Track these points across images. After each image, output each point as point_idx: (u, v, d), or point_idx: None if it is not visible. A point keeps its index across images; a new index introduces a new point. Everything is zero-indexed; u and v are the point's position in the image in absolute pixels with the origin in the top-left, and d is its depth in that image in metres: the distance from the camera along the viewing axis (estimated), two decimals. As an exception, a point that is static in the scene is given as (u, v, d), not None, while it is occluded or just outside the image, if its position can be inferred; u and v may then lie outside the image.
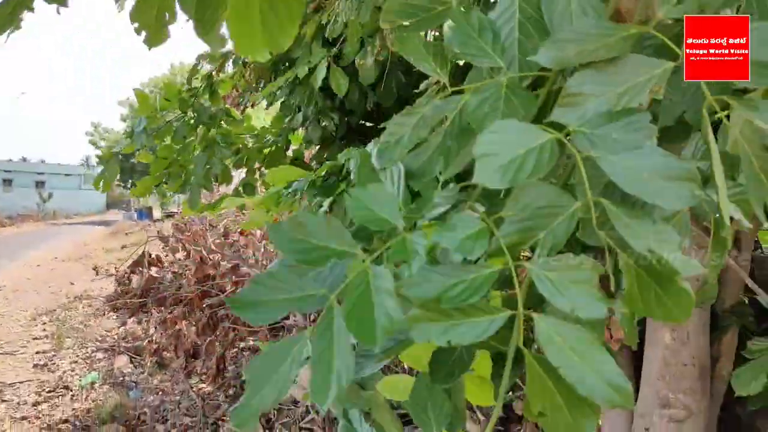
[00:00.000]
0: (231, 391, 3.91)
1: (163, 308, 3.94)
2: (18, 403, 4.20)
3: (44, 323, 6.43)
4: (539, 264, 0.61)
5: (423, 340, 0.60)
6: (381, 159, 0.79)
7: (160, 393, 4.24)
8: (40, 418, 3.96)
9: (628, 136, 0.59)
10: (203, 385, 4.18)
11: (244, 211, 4.89)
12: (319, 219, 0.67)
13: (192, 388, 4.12)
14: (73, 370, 4.86)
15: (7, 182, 34.85)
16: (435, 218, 0.73)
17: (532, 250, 0.64)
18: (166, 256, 4.34)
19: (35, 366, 5.03)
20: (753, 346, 1.48)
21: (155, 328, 4.38)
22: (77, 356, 5.20)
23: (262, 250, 3.79)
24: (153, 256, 4.06)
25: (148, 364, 4.59)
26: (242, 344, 4.32)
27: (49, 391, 4.42)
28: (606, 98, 0.64)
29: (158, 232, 4.44)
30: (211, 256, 3.86)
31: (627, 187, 0.57)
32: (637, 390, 1.85)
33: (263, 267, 3.61)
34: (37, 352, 5.39)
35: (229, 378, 3.91)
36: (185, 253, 4.29)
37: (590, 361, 0.56)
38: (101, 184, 2.05)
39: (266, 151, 2.48)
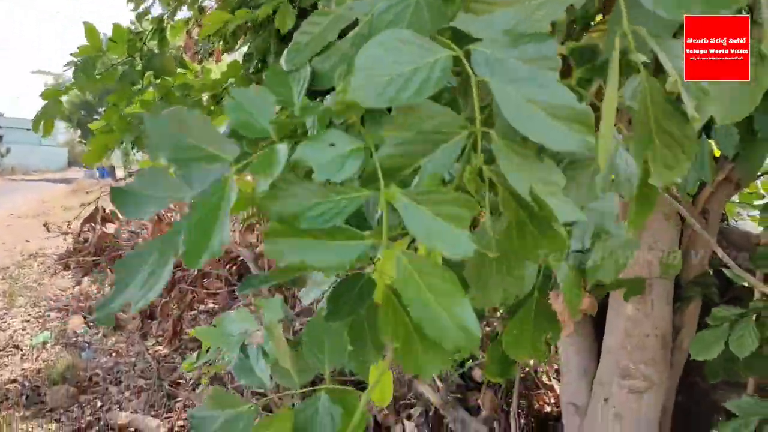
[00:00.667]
0: (187, 354, 3.82)
1: (118, 268, 3.80)
2: (-36, 362, 4.05)
3: (-4, 281, 6.22)
4: (409, 192, 0.55)
5: (275, 256, 0.54)
6: (289, 60, 0.70)
7: (114, 355, 4.14)
8: (-13, 377, 3.82)
9: (528, 66, 0.53)
10: (159, 348, 4.08)
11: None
12: (199, 117, 0.59)
13: (147, 350, 4.02)
14: (24, 329, 4.71)
15: (-37, 136, 33.58)
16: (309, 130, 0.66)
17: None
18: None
19: (-16, 324, 4.86)
20: (718, 313, 1.45)
21: (110, 288, 4.24)
22: (29, 315, 5.04)
23: (222, 210, 3.67)
24: (107, 211, 3.90)
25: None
26: (201, 307, 4.23)
27: (-2, 351, 4.27)
28: (518, 9, 0.57)
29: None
30: (169, 215, 3.73)
31: (515, 121, 0.51)
32: (598, 360, 1.82)
33: (223, 228, 3.49)
34: (-13, 311, 5.20)
35: (186, 341, 3.82)
36: (143, 212, 4.13)
37: (445, 301, 0.52)
38: (41, 126, 1.90)
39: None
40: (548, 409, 2.34)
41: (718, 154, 1.60)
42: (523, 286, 0.78)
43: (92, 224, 3.88)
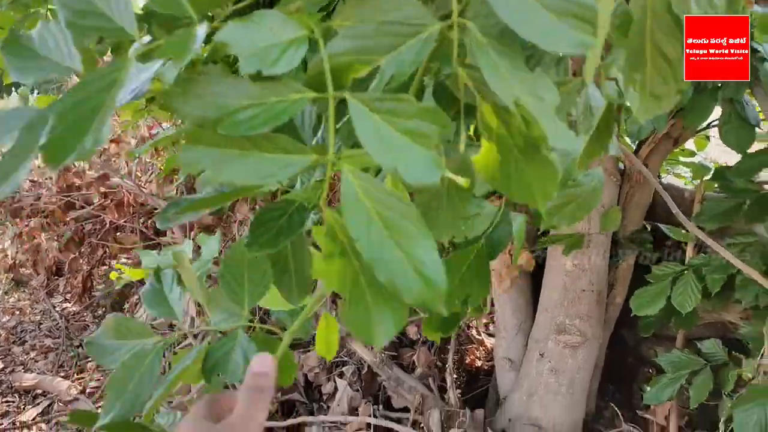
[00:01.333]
0: (100, 312, 3.61)
1: (19, 220, 3.49)
2: None
3: None
4: (365, 98, 0.42)
5: (190, 168, 0.42)
6: None
7: (17, 313, 3.85)
8: None
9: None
10: (68, 305, 3.83)
11: (118, 114, 4.41)
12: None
13: (54, 307, 3.76)
14: None
15: None
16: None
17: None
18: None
19: None
20: (658, 271, 1.46)
21: (11, 241, 3.91)
22: None
23: (136, 159, 3.42)
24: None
25: (3, 281, 4.13)
26: (113, 262, 3.99)
27: None
28: None
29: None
30: (75, 163, 3.44)
31: (507, 16, 0.41)
32: (533, 316, 1.83)
33: (138, 179, 3.27)
34: None
35: (98, 297, 3.59)
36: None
37: (405, 242, 0.42)
38: None
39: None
40: (479, 363, 2.35)
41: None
42: (475, 227, 0.72)
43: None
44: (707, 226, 1.36)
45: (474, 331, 2.51)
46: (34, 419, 2.65)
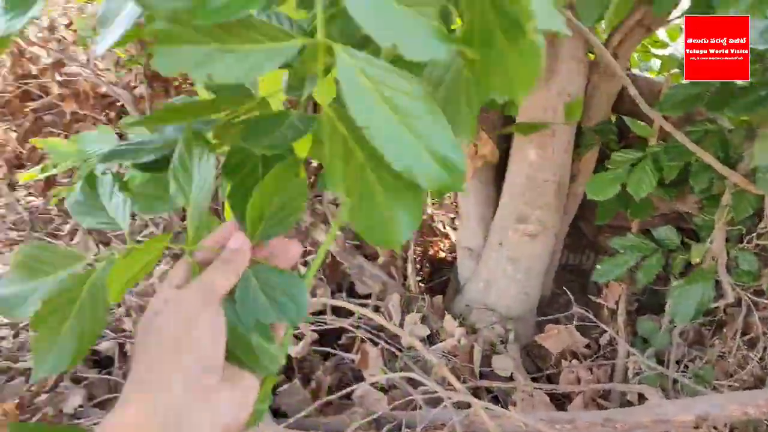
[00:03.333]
0: (64, 206, 3.56)
1: (-26, 109, 3.37)
2: None
3: None
4: None
5: (168, 71, 0.38)
6: None
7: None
8: None
9: None
10: (32, 199, 3.77)
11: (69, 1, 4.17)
12: None
13: (18, 201, 3.70)
14: None
15: None
16: None
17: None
18: None
19: None
20: (617, 157, 1.47)
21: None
22: None
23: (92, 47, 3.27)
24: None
25: (-37, 174, 4.03)
26: (78, 156, 3.89)
27: None
28: None
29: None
30: (31, 50, 3.27)
31: None
32: (495, 208, 1.84)
33: (95, 67, 3.13)
34: None
35: (61, 190, 3.54)
36: (-1, 48, 3.62)
37: (416, 124, 0.38)
38: None
39: None
40: (443, 255, 2.39)
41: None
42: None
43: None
44: (670, 113, 1.35)
45: (440, 225, 2.54)
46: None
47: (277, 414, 1.48)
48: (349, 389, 1.37)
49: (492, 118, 1.81)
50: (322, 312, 1.80)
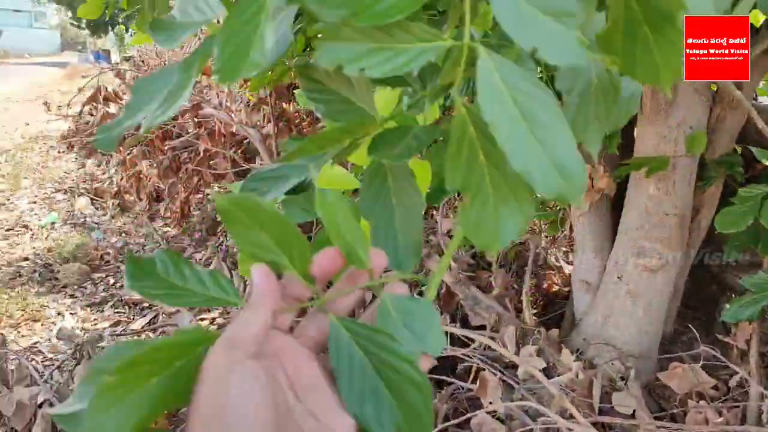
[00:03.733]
0: (197, 236, 3.85)
1: (122, 148, 3.75)
2: (-25, 241, 4.10)
3: (-1, 163, 6.19)
4: None
5: (329, 63, 0.43)
6: None
7: (123, 235, 4.18)
8: (-1, 255, 3.88)
9: None
10: (168, 229, 4.11)
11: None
12: None
13: (156, 231, 4.06)
14: (31, 210, 4.73)
15: (-49, 16, 32.31)
16: None
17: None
18: (124, 94, 4.08)
19: (-8, 205, 4.88)
20: (744, 193, 1.42)
21: (115, 170, 4.21)
22: (35, 197, 5.04)
23: (227, 90, 3.56)
24: (109, 90, 3.80)
25: (110, 206, 4.48)
26: (207, 191, 4.22)
27: (8, 230, 4.31)
28: None
29: (113, 68, 4.14)
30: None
31: None
32: (613, 241, 1.82)
33: (228, 109, 3.41)
34: (-7, 192, 5.21)
35: (194, 223, 3.84)
36: (144, 93, 4.03)
37: (540, 128, 0.40)
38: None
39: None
40: (556, 288, 2.38)
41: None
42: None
43: (94, 104, 3.79)
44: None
45: (553, 258, 2.53)
46: (142, 328, 2.93)
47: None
48: (467, 416, 1.41)
49: (606, 153, 1.81)
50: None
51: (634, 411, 1.49)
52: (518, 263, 2.28)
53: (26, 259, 3.80)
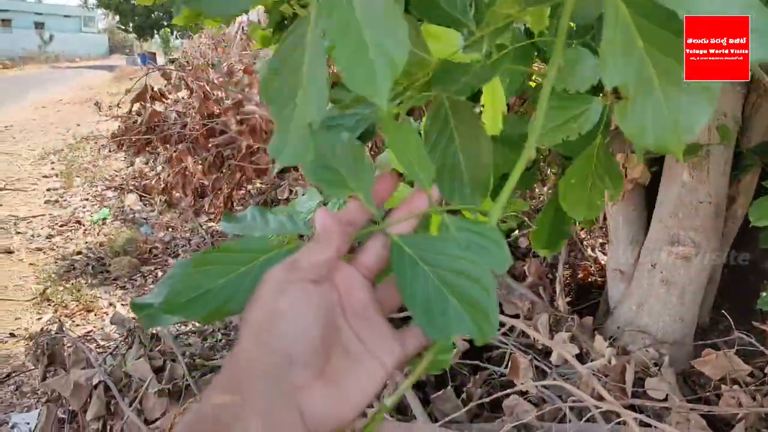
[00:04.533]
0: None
1: (168, 145, 3.89)
2: (32, 236, 4.31)
3: (53, 162, 6.46)
4: None
5: None
6: None
7: (170, 230, 4.33)
8: (54, 249, 4.07)
9: None
10: (212, 224, 4.24)
11: (249, 47, 4.69)
12: None
13: (201, 225, 4.19)
14: (84, 207, 4.94)
15: (6, 22, 33.61)
16: None
17: None
18: (170, 93, 4.23)
19: (47, 202, 5.11)
20: (780, 184, 1.42)
21: (162, 167, 4.37)
22: (87, 194, 5.26)
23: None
24: (156, 90, 3.95)
25: (157, 202, 4.64)
26: (249, 186, 4.33)
27: (62, 225, 4.51)
28: None
29: (160, 69, 4.29)
30: (214, 93, 3.74)
31: None
32: (647, 230, 1.83)
33: (268, 107, 3.49)
34: (48, 189, 5.45)
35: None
36: (188, 92, 4.17)
37: None
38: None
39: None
40: (591, 279, 2.39)
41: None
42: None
43: (142, 102, 3.94)
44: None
45: (589, 250, 2.54)
46: (189, 318, 3.05)
47: (430, 419, 1.59)
48: (500, 393, 1.45)
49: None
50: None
51: (666, 396, 1.51)
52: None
53: (79, 253, 3.99)
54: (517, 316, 1.95)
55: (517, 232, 2.32)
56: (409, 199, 0.48)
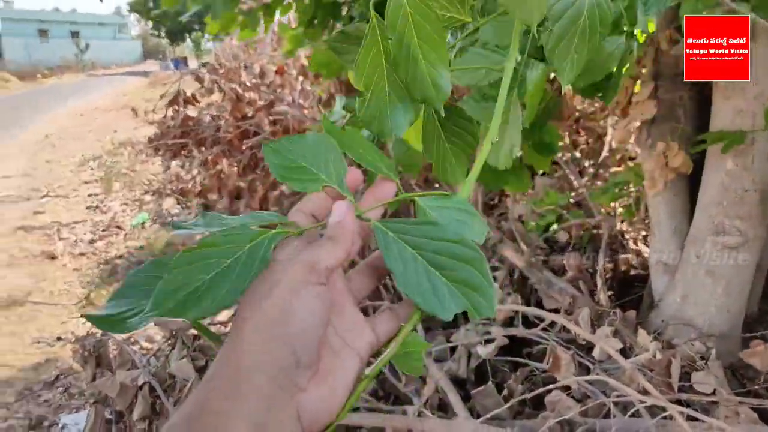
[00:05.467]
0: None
1: (203, 148, 3.94)
2: (75, 241, 4.42)
3: (92, 168, 6.62)
4: None
5: None
6: None
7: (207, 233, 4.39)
8: (96, 254, 4.17)
9: None
10: (248, 225, 4.28)
11: (275, 49, 4.72)
12: None
13: (237, 227, 4.23)
14: (123, 212, 5.05)
15: (43, 33, 34.54)
16: None
17: None
18: (203, 96, 4.28)
19: (88, 207, 5.24)
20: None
21: (197, 170, 4.43)
22: (126, 199, 5.38)
23: (299, 88, 3.68)
24: (189, 94, 4.00)
25: (194, 205, 4.71)
26: (283, 187, 4.36)
27: (103, 230, 4.62)
28: None
29: (192, 73, 4.35)
30: (247, 94, 3.77)
31: None
32: (690, 220, 1.79)
33: (300, 107, 3.52)
34: (88, 195, 5.59)
35: (273, 218, 3.98)
36: (221, 96, 4.22)
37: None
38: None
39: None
40: (633, 272, 2.34)
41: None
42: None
43: (176, 106, 4.00)
44: None
45: (631, 242, 2.49)
46: (228, 319, 3.09)
47: (471, 415, 1.58)
48: (541, 389, 1.43)
49: (683, 127, 1.77)
50: (510, 323, 1.88)
51: (714, 389, 1.47)
52: (592, 246, 2.26)
53: (121, 257, 4.08)
54: (557, 311, 1.92)
55: (555, 225, 2.29)
56: (374, 188, 0.50)
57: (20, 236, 4.55)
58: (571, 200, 2.36)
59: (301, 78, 3.68)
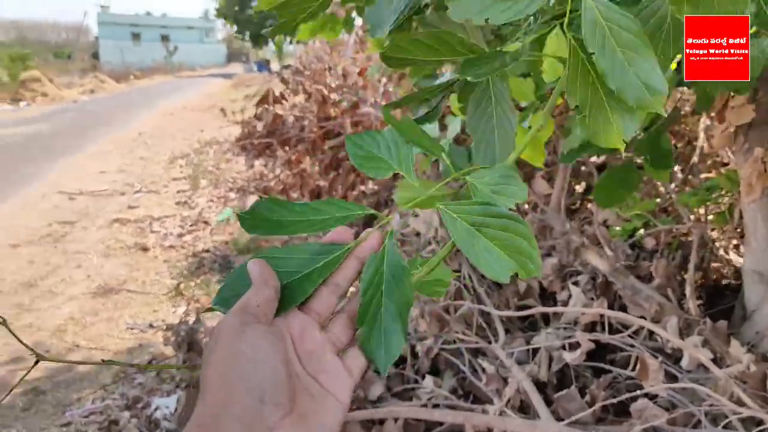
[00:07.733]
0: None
1: (287, 148, 4.07)
2: (165, 234, 4.65)
3: (181, 166, 6.93)
4: None
5: (459, 16, 0.57)
6: None
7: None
8: (184, 247, 4.38)
9: None
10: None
11: (358, 51, 4.81)
12: None
13: (317, 225, 4.33)
14: (210, 207, 5.27)
15: (136, 36, 36.47)
16: None
17: None
18: (288, 96, 4.42)
19: (177, 203, 5.50)
20: None
21: (280, 169, 4.57)
22: (212, 195, 5.61)
23: (382, 90, 3.74)
24: (278, 94, 4.14)
25: (276, 202, 4.86)
26: (362, 187, 4.44)
27: (191, 225, 4.84)
28: None
29: (278, 75, 4.49)
30: (331, 96, 3.87)
31: None
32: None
33: (381, 106, 3.57)
34: (177, 191, 5.86)
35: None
36: (306, 96, 4.34)
37: (630, 53, 0.52)
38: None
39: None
40: (725, 281, 2.25)
41: None
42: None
43: (265, 106, 4.15)
44: None
45: (722, 251, 2.39)
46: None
47: (553, 418, 1.57)
48: (626, 396, 1.41)
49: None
50: (592, 329, 1.86)
51: (814, 406, 1.41)
52: (682, 253, 2.20)
53: (207, 251, 4.26)
54: (642, 319, 1.88)
55: (642, 231, 2.23)
56: (363, 244, 0.55)
57: (116, 229, 4.83)
58: (658, 206, 2.30)
59: (384, 79, 3.74)
